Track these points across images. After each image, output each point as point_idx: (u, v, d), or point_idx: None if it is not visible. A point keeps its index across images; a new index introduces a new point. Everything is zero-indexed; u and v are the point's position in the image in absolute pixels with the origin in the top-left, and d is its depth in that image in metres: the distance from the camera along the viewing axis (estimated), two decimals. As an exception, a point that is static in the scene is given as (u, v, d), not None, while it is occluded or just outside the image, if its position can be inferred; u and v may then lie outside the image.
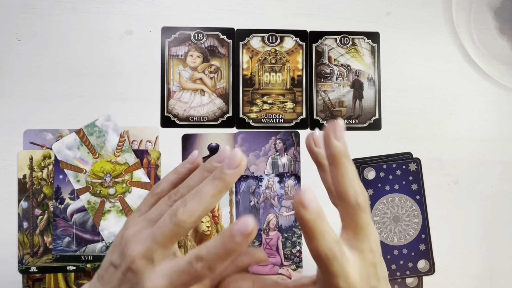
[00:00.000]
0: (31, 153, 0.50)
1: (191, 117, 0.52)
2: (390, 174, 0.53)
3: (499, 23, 0.55)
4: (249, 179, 0.51)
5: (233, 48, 0.53)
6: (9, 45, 0.51)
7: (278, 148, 0.52)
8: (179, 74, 0.52)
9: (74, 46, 0.51)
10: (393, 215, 0.52)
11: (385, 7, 0.54)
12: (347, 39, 0.54)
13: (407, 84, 0.54)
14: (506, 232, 0.53)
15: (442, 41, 0.54)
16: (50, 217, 0.49)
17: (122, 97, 0.51)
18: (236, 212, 0.51)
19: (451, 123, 0.54)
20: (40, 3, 0.51)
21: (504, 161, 0.54)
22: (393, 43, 0.54)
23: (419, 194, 0.53)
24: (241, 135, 0.52)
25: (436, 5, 0.55)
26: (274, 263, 0.51)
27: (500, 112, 0.54)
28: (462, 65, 0.54)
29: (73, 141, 0.50)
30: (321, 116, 0.53)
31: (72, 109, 0.51)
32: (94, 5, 0.52)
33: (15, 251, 0.49)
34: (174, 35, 0.52)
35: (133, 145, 0.51)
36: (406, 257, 0.52)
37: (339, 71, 0.54)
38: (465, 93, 0.54)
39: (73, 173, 0.50)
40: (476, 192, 0.54)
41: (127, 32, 0.52)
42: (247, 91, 0.53)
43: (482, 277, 0.53)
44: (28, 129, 0.50)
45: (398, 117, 0.54)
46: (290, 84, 0.53)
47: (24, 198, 0.49)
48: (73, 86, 0.51)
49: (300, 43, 0.53)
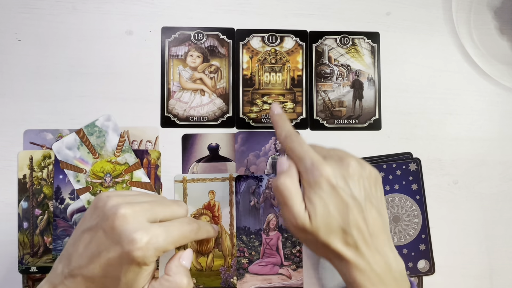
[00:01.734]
0: (31, 153, 0.50)
1: (191, 117, 0.52)
2: (390, 174, 0.53)
3: (499, 23, 0.55)
4: (249, 179, 0.51)
5: (233, 48, 0.53)
6: (9, 45, 0.51)
7: (278, 148, 0.52)
8: (179, 74, 0.52)
9: (74, 46, 0.51)
10: (393, 215, 0.52)
11: (385, 7, 0.54)
12: (347, 39, 0.54)
13: (407, 84, 0.54)
14: (506, 232, 0.53)
15: (442, 41, 0.55)
16: (50, 217, 0.49)
17: (122, 97, 0.51)
18: (236, 212, 0.51)
19: (451, 123, 0.54)
20: (40, 3, 0.51)
21: (504, 161, 0.54)
22: (393, 43, 0.54)
23: (419, 194, 0.53)
24: (241, 135, 0.52)
25: (436, 5, 0.55)
26: (274, 263, 0.51)
27: (500, 112, 0.54)
28: (462, 65, 0.54)
29: (73, 141, 0.50)
30: (321, 116, 0.53)
31: (72, 109, 0.51)
32: (94, 5, 0.52)
33: (15, 251, 0.49)
34: (174, 35, 0.52)
35: (133, 145, 0.51)
36: (406, 257, 0.52)
37: (339, 71, 0.54)
38: (465, 93, 0.54)
39: (73, 173, 0.50)
40: (476, 192, 0.54)
41: (127, 32, 0.52)
42: (247, 91, 0.53)
43: (482, 277, 0.53)
44: (28, 129, 0.50)
45: (398, 117, 0.54)
46: (290, 84, 0.53)
47: (24, 198, 0.49)
48: (73, 86, 0.51)
49: (300, 43, 0.53)
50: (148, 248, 0.31)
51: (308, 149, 0.37)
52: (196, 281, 0.50)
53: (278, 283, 0.50)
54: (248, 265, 0.50)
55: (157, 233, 0.32)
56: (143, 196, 0.37)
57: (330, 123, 0.53)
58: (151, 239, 0.31)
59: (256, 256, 0.51)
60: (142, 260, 0.31)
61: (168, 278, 0.35)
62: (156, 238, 0.32)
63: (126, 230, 0.31)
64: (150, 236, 0.31)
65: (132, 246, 0.31)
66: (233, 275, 0.50)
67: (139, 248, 0.31)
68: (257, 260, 0.51)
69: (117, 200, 0.33)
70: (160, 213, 0.35)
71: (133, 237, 0.31)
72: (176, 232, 0.34)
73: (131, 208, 0.32)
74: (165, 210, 0.35)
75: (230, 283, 0.50)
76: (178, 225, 0.34)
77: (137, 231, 0.31)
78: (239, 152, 0.52)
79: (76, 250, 0.33)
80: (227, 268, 0.50)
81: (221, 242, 0.51)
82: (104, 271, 0.32)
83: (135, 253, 0.31)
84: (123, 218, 0.31)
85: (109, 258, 0.31)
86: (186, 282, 0.36)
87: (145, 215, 0.33)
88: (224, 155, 0.52)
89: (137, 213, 0.32)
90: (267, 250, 0.51)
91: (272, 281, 0.50)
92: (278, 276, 0.50)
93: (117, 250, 0.31)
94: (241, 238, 0.51)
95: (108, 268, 0.32)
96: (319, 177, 0.34)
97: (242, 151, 0.52)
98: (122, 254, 0.31)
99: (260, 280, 0.50)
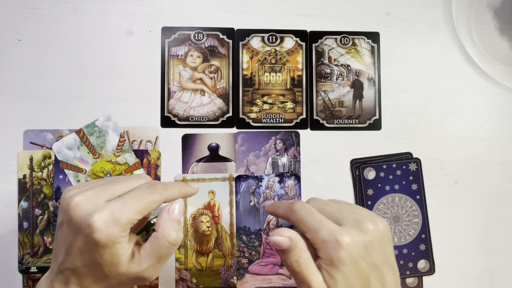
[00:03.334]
0: (31, 153, 0.50)
1: (191, 117, 0.52)
2: (390, 174, 0.53)
3: (499, 23, 0.55)
4: (249, 179, 0.51)
5: (233, 48, 0.53)
6: (9, 45, 0.51)
7: (278, 148, 0.52)
8: (179, 74, 0.52)
9: (74, 46, 0.51)
10: (393, 215, 0.52)
11: (385, 7, 0.54)
12: (347, 39, 0.54)
13: (407, 84, 0.54)
14: (506, 232, 0.53)
15: (442, 41, 0.55)
16: (50, 217, 0.49)
17: (122, 97, 0.51)
18: (236, 212, 0.51)
19: (451, 123, 0.54)
20: (40, 3, 0.51)
21: (504, 161, 0.54)
22: (393, 43, 0.54)
23: (419, 194, 0.53)
24: (241, 135, 0.52)
25: (436, 5, 0.55)
26: (274, 263, 0.51)
27: (500, 112, 0.54)
28: (462, 65, 0.54)
29: (73, 141, 0.50)
30: (321, 116, 0.53)
31: (72, 109, 0.51)
32: (94, 5, 0.52)
33: (15, 251, 0.49)
34: (174, 35, 0.52)
35: (133, 145, 0.51)
36: (406, 257, 0.52)
37: (339, 71, 0.54)
38: (465, 93, 0.54)
39: (73, 173, 0.50)
40: (476, 192, 0.54)
41: (127, 32, 0.52)
42: (247, 91, 0.53)
43: (482, 277, 0.53)
44: (28, 129, 0.50)
45: (398, 117, 0.54)
46: (290, 84, 0.53)
47: (24, 198, 0.49)
48: (73, 86, 0.51)
49: (300, 43, 0.53)
50: (107, 226, 0.30)
51: (321, 218, 0.34)
52: (196, 281, 0.50)
53: (278, 283, 0.50)
54: (248, 265, 0.50)
55: (112, 209, 0.31)
56: (101, 181, 0.35)
57: (330, 123, 0.53)
58: (107, 217, 0.30)
59: (256, 256, 0.51)
60: (107, 240, 0.30)
61: (156, 235, 0.34)
62: (112, 214, 0.31)
63: (81, 216, 0.31)
64: (105, 214, 0.30)
65: (91, 229, 0.30)
66: (233, 275, 0.50)
67: (97, 229, 0.30)
68: (257, 260, 0.51)
69: (73, 191, 0.32)
70: (118, 190, 0.33)
71: (89, 221, 0.30)
72: (134, 200, 0.32)
73: (83, 194, 0.32)
74: (123, 185, 0.34)
75: (230, 283, 0.50)
76: (136, 193, 0.33)
77: (92, 213, 0.31)
78: (239, 152, 0.52)
79: (57, 247, 0.34)
80: (227, 268, 0.50)
81: (221, 242, 0.51)
82: (82, 261, 0.32)
83: (96, 236, 0.30)
84: (76, 206, 0.31)
85: (79, 247, 0.31)
86: (174, 236, 0.34)
87: (99, 197, 0.32)
88: (224, 155, 0.52)
89: (90, 197, 0.32)
90: (267, 250, 0.51)
91: (272, 281, 0.50)
92: (278, 276, 0.50)
93: (82, 238, 0.31)
94: (241, 238, 0.51)
95: (83, 256, 0.32)
96: (341, 251, 0.32)
97: (242, 151, 0.52)
98: (87, 240, 0.31)
99: (260, 280, 0.50)
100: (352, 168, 0.53)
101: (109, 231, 0.30)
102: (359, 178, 0.52)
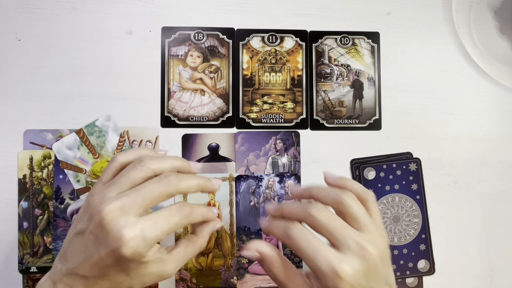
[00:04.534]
0: (31, 153, 0.50)
1: (191, 117, 0.52)
2: (390, 174, 0.53)
3: (499, 23, 0.55)
4: (249, 179, 0.51)
5: (233, 48, 0.53)
6: (9, 45, 0.51)
7: (278, 148, 0.52)
8: (179, 74, 0.52)
9: (74, 46, 0.51)
10: (393, 215, 0.52)
11: (385, 7, 0.54)
12: (347, 39, 0.54)
13: (407, 84, 0.54)
14: (506, 232, 0.53)
15: (442, 41, 0.55)
16: (50, 217, 0.49)
17: (122, 97, 0.51)
18: (236, 212, 0.51)
19: (451, 123, 0.54)
20: (40, 3, 0.51)
21: (504, 161, 0.54)
22: (393, 43, 0.54)
23: (419, 194, 0.53)
24: (241, 135, 0.52)
25: (436, 5, 0.55)
26: (274, 263, 0.51)
27: (500, 112, 0.54)
28: (462, 65, 0.54)
29: (73, 141, 0.50)
30: (321, 116, 0.53)
31: (72, 109, 0.51)
32: (94, 5, 0.52)
33: (15, 251, 0.49)
34: (174, 35, 0.52)
35: (133, 145, 0.51)
36: (406, 257, 0.52)
37: (339, 71, 0.54)
38: (465, 93, 0.54)
39: (73, 173, 0.50)
40: (476, 192, 0.54)
41: (127, 32, 0.52)
42: (247, 91, 0.53)
43: (482, 277, 0.53)
44: (28, 129, 0.50)
45: (398, 117, 0.54)
46: (290, 84, 0.53)
47: (24, 198, 0.49)
48: (73, 86, 0.51)
49: (300, 43, 0.53)
50: (136, 242, 0.31)
51: (319, 246, 0.32)
52: (196, 281, 0.50)
53: (278, 283, 0.50)
54: (248, 265, 0.50)
55: (143, 228, 0.31)
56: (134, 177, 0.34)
57: (330, 123, 0.53)
58: (136, 235, 0.31)
59: (256, 256, 0.51)
60: (132, 254, 0.31)
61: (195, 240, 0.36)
62: (142, 233, 0.31)
63: (112, 228, 0.31)
64: (135, 232, 0.31)
65: (119, 243, 0.30)
66: (233, 275, 0.50)
67: (126, 244, 0.30)
68: (257, 260, 0.51)
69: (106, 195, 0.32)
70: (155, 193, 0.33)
71: (119, 235, 0.30)
72: (165, 224, 0.32)
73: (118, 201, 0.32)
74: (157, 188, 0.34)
75: (230, 283, 0.50)
76: (166, 216, 0.33)
77: (123, 228, 0.31)
78: (239, 152, 0.52)
79: (72, 250, 0.33)
80: (227, 268, 0.50)
81: (221, 242, 0.51)
82: (101, 271, 0.32)
83: (124, 250, 0.30)
84: (108, 214, 0.31)
85: (101, 258, 0.31)
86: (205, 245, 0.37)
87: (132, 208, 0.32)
88: (224, 155, 0.52)
89: (123, 207, 0.32)
90: (267, 250, 0.51)
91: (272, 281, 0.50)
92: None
93: (106, 248, 0.31)
94: (241, 238, 0.51)
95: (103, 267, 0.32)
96: (340, 283, 0.31)
97: (242, 151, 0.52)
98: (113, 251, 0.31)
99: (260, 280, 0.50)
100: (352, 168, 0.53)
101: (137, 246, 0.31)
102: (359, 178, 0.52)
